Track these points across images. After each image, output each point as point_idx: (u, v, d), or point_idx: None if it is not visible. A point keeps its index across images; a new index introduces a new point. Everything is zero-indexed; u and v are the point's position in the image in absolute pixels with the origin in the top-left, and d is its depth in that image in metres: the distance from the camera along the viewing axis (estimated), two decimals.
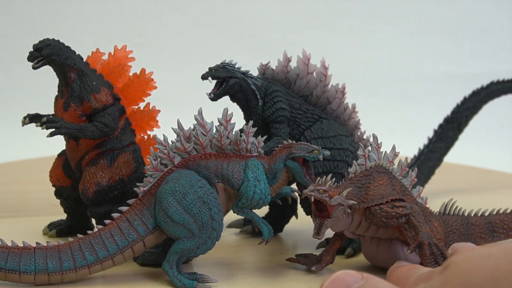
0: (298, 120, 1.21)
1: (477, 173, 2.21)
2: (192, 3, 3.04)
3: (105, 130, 1.13)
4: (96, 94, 1.13)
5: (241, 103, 1.22)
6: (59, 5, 2.93)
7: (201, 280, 1.00)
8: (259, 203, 1.02)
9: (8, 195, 1.65)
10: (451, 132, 1.69)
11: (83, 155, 1.16)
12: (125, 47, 1.23)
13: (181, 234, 0.99)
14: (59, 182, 1.25)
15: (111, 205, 1.14)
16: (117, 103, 1.16)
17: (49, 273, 0.97)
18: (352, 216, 1.01)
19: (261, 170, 1.03)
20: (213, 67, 1.20)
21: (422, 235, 0.99)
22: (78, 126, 1.12)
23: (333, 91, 1.22)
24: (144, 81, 1.20)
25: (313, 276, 1.07)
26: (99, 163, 1.15)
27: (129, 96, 1.20)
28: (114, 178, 1.15)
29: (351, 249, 1.18)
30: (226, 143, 1.04)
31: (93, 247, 1.00)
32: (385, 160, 1.06)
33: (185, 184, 1.00)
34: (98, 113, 1.13)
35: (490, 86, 1.72)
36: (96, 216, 1.16)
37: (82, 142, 1.15)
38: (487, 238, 1.20)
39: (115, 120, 1.14)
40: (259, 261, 1.18)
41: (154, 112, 1.22)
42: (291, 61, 1.22)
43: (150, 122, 1.22)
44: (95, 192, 1.14)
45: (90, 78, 1.14)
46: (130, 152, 1.17)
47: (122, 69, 1.20)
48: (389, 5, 3.21)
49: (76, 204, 1.25)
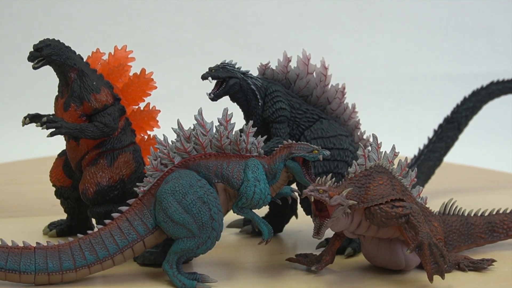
0: (298, 120, 1.21)
1: (477, 173, 2.21)
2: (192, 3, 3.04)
3: (105, 130, 1.13)
4: (96, 94, 1.13)
5: (241, 103, 1.22)
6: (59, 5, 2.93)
7: (201, 280, 1.00)
8: (259, 203, 1.02)
9: (8, 195, 1.65)
10: (451, 132, 1.69)
11: (83, 155, 1.16)
12: (125, 47, 1.23)
13: (181, 234, 0.99)
14: (59, 182, 1.25)
15: (111, 205, 1.14)
16: (117, 103, 1.16)
17: (49, 273, 0.98)
18: (352, 216, 1.01)
19: (261, 170, 1.03)
20: (213, 67, 1.20)
21: (422, 235, 0.99)
22: (79, 126, 1.12)
23: (333, 91, 1.22)
24: (144, 81, 1.21)
25: (313, 276, 1.07)
26: (99, 163, 1.15)
27: (129, 96, 1.21)
28: (114, 178, 1.15)
29: (351, 249, 1.18)
30: (226, 143, 1.04)
31: (93, 247, 1.00)
32: (385, 160, 1.06)
33: (185, 184, 1.00)
34: (98, 113, 1.13)
35: (490, 86, 1.72)
36: (96, 216, 1.16)
37: (82, 142, 1.16)
38: (487, 238, 1.20)
39: (115, 120, 1.14)
40: (259, 261, 1.18)
41: (154, 112, 1.22)
42: (291, 61, 1.22)
43: (150, 122, 1.22)
44: (95, 192, 1.14)
45: (90, 78, 1.14)
46: (130, 152, 1.18)
47: (122, 69, 1.20)
48: (389, 5, 3.21)
49: (76, 204, 1.25)
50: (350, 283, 1.05)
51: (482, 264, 1.10)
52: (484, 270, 1.10)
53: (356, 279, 1.06)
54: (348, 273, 1.10)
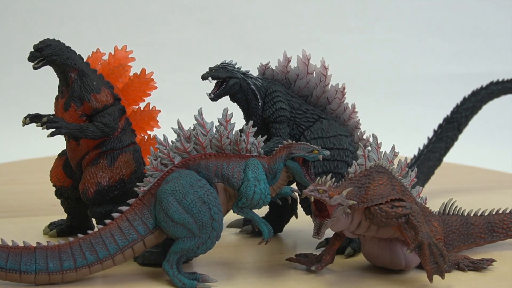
0: (298, 120, 1.22)
1: (477, 173, 2.21)
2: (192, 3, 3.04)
3: (105, 130, 1.13)
4: (97, 94, 1.13)
5: (241, 103, 1.22)
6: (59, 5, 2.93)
7: (201, 280, 1.00)
8: (259, 203, 1.02)
9: (8, 195, 1.65)
10: (451, 132, 1.69)
11: (83, 155, 1.17)
12: (126, 47, 1.23)
13: (181, 234, 0.99)
14: (59, 182, 1.25)
15: (112, 205, 1.14)
16: (117, 103, 1.16)
17: (49, 273, 0.98)
18: (352, 216, 1.02)
19: (261, 170, 1.03)
20: (213, 67, 1.20)
21: (422, 235, 0.99)
22: (79, 126, 1.12)
23: (333, 91, 1.22)
24: (144, 81, 1.21)
25: (313, 276, 1.07)
26: (99, 163, 1.15)
27: (129, 96, 1.21)
28: (115, 178, 1.15)
29: (351, 249, 1.18)
30: (226, 143, 1.04)
31: (94, 247, 1.00)
32: (384, 160, 1.06)
33: (185, 184, 1.00)
34: (99, 113, 1.13)
35: (490, 86, 1.72)
36: (97, 216, 1.16)
37: (82, 142, 1.16)
38: (486, 238, 1.20)
39: (115, 120, 1.14)
40: (259, 261, 1.18)
41: (154, 112, 1.23)
42: (291, 61, 1.22)
43: (150, 122, 1.23)
44: (96, 192, 1.14)
45: (91, 78, 1.14)
46: (131, 152, 1.18)
47: (122, 69, 1.20)
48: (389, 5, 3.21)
49: (76, 204, 1.25)
50: (350, 283, 1.05)
51: (482, 264, 1.10)
52: (484, 270, 1.10)
53: (356, 279, 1.06)
54: (348, 273, 1.10)
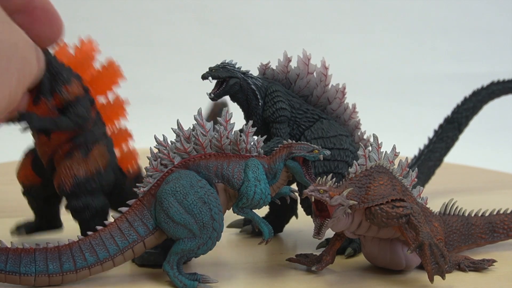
0: (298, 120, 1.21)
1: (477, 173, 2.21)
2: (192, 3, 3.04)
3: (79, 121, 1.11)
4: (68, 86, 1.12)
5: (241, 103, 1.22)
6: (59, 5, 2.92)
7: (202, 280, 1.00)
8: (260, 203, 1.02)
9: (8, 195, 1.65)
10: (451, 132, 1.69)
11: (55, 150, 1.14)
12: (91, 39, 1.21)
13: (182, 234, 0.99)
14: (28, 181, 1.22)
15: (89, 197, 1.13)
16: (87, 95, 1.15)
17: (49, 275, 0.97)
18: (353, 216, 1.01)
19: (261, 170, 1.03)
20: (213, 67, 1.20)
21: (423, 235, 0.99)
22: (52, 119, 1.10)
23: (333, 91, 1.22)
24: (113, 72, 1.20)
25: (313, 276, 1.07)
26: (74, 156, 1.13)
27: (98, 87, 1.19)
28: (91, 170, 1.14)
29: (351, 249, 1.18)
30: (226, 143, 1.04)
31: (94, 248, 1.00)
32: (385, 160, 1.06)
33: (185, 185, 1.00)
34: (71, 105, 1.11)
35: (491, 86, 1.72)
36: (74, 210, 1.14)
37: (54, 136, 1.13)
38: (487, 238, 1.20)
39: (88, 111, 1.13)
40: (259, 261, 1.18)
41: (123, 102, 1.22)
42: (291, 61, 1.22)
43: (118, 111, 1.22)
44: (73, 185, 1.13)
45: (60, 70, 1.12)
46: (104, 143, 1.17)
47: (89, 61, 1.19)
48: (389, 5, 3.21)
49: (45, 204, 1.23)
50: (350, 283, 1.05)
51: (483, 264, 1.10)
52: (485, 270, 1.10)
53: (356, 279, 1.06)
54: (348, 273, 1.10)
